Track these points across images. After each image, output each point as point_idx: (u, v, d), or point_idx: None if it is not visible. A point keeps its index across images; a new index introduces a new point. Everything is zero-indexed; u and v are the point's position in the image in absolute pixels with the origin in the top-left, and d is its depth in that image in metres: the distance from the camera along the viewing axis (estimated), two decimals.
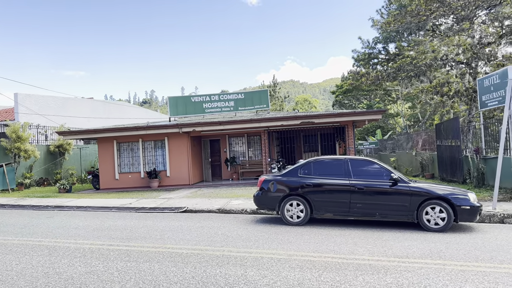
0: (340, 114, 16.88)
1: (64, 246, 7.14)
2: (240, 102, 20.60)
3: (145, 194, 15.59)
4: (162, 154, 19.02)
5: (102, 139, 19.02)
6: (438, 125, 16.56)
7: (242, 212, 10.79)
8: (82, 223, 9.64)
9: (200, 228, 8.58)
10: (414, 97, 39.03)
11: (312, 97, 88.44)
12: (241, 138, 21.20)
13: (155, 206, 12.15)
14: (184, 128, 17.98)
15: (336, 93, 53.49)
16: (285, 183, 8.96)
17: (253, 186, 16.70)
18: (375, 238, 7.37)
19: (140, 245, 7.07)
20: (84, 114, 27.84)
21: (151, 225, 9.15)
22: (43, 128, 22.65)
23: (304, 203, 8.70)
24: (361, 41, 44.94)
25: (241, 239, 7.41)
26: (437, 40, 15.33)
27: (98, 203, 13.15)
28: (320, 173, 8.82)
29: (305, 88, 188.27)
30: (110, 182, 18.89)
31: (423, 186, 8.16)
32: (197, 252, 6.52)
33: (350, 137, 17.73)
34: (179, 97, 21.97)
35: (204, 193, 15.17)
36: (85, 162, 24.25)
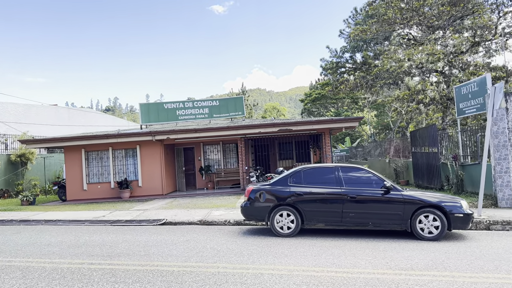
0: (318, 121, 16.79)
1: (39, 266, 6.45)
2: (215, 109, 20.14)
3: (117, 206, 14.79)
4: (134, 163, 18.23)
5: (69, 147, 17.98)
6: (413, 132, 16.80)
7: (226, 223, 10.34)
8: (54, 239, 8.87)
9: (186, 242, 8.07)
10: (381, 106, 39.95)
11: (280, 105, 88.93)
12: (216, 146, 20.72)
13: (131, 218, 11.47)
14: (157, 136, 17.31)
15: (305, 101, 53.97)
16: (274, 193, 8.61)
17: (231, 195, 16.26)
18: (372, 248, 7.15)
19: (125, 263, 6.49)
20: (47, 121, 26.41)
21: (132, 239, 8.54)
22: (3, 137, 21.22)
23: (294, 213, 8.38)
24: (329, 50, 45.71)
25: (233, 254, 6.98)
26: (413, 48, 15.56)
27: (68, 216, 12.28)
28: (311, 182, 8.55)
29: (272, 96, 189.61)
30: (77, 193, 17.86)
31: (416, 194, 8.05)
32: (189, 269, 6.04)
33: (327, 144, 17.67)
34: (151, 103, 21.26)
35: (180, 203, 14.57)
36: (50, 172, 22.92)
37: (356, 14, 41.79)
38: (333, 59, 44.58)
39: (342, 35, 43.61)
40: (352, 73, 42.48)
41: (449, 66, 15.19)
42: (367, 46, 40.35)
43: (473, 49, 15.35)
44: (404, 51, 17.13)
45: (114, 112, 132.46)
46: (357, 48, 40.94)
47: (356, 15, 41.92)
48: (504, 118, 10.49)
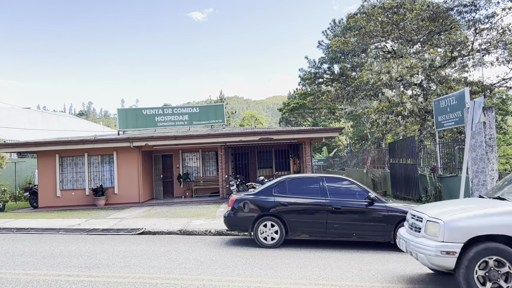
0: (299, 131, 16.85)
1: (13, 278, 6.10)
2: (195, 116, 19.92)
3: (92, 214, 14.33)
4: (110, 169, 17.76)
5: (42, 152, 17.36)
6: (391, 144, 17.07)
7: (207, 233, 10.14)
8: (27, 248, 8.46)
9: (167, 253, 7.84)
10: (357, 116, 40.61)
11: (258, 113, 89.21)
12: (196, 154, 20.47)
13: (108, 227, 11.11)
14: (135, 142, 16.95)
15: (283, 111, 54.29)
16: (259, 203, 8.50)
17: (210, 204, 16.05)
18: (357, 260, 7.13)
19: (105, 275, 6.23)
20: (19, 125, 25.48)
21: (110, 249, 8.24)
22: None
23: (279, 223, 8.29)
24: (308, 61, 46.30)
25: (217, 265, 6.82)
26: (392, 61, 15.90)
27: (41, 224, 11.79)
28: (295, 192, 8.49)
29: (249, 104, 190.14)
30: (50, 200, 17.22)
31: (399, 206, 8.12)
32: (173, 282, 5.84)
33: (307, 154, 17.74)
34: (129, 109, 20.88)
35: (158, 212, 14.26)
36: (20, 177, 22.05)
37: (335, 26, 42.57)
38: (311, 69, 45.16)
39: (321, 46, 44.29)
40: (330, 84, 43.10)
41: (427, 79, 15.59)
42: (345, 58, 41.08)
43: (450, 63, 15.84)
44: (383, 64, 17.47)
45: (88, 116, 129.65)
46: (335, 59, 41.63)
47: (334, 27, 42.69)
48: (482, 132, 10.76)
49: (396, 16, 16.29)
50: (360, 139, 44.34)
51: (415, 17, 15.84)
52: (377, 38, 16.81)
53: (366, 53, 39.19)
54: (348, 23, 21.28)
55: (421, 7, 16.56)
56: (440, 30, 15.92)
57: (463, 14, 15.73)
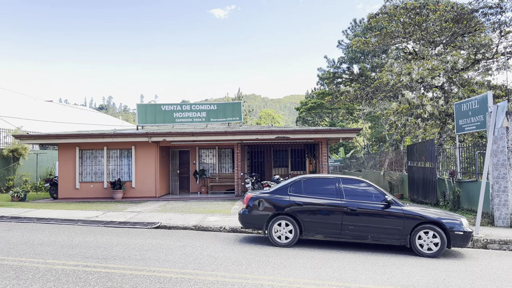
0: (316, 131, 16.78)
1: (32, 266, 6.27)
2: (212, 113, 20.04)
3: (110, 206, 14.59)
4: (128, 163, 18.03)
5: (63, 145, 17.75)
6: (410, 147, 16.84)
7: (221, 230, 10.22)
8: (47, 238, 8.68)
9: (182, 248, 7.94)
10: (376, 117, 40.18)
11: (275, 112, 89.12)
12: (212, 151, 20.60)
13: (124, 220, 11.30)
14: (154, 138, 17.17)
15: (300, 110, 54.09)
16: (274, 202, 8.52)
17: (225, 201, 16.14)
18: (371, 263, 7.08)
19: (121, 267, 6.35)
20: (42, 117, 26.09)
21: (127, 242, 8.38)
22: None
23: (293, 223, 8.29)
24: (327, 60, 46.08)
25: (231, 262, 6.87)
26: (413, 63, 15.65)
27: (60, 215, 12.06)
28: (311, 192, 8.47)
29: (266, 103, 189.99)
30: (69, 192, 17.60)
31: (416, 210, 8.02)
32: (187, 277, 5.91)
33: (323, 154, 17.66)
34: (148, 104, 21.16)
35: (174, 207, 14.41)
36: (41, 168, 22.59)
37: (355, 25, 42.24)
38: (330, 69, 44.93)
39: (341, 46, 44.00)
40: (349, 84, 42.78)
41: (449, 82, 15.31)
42: (364, 58, 40.71)
43: (473, 66, 15.51)
44: (403, 65, 17.24)
45: (107, 111, 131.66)
46: (354, 59, 41.32)
47: (355, 27, 42.36)
48: (504, 137, 10.55)
49: (419, 17, 16.02)
50: (378, 140, 43.88)
51: (438, 18, 15.56)
52: (399, 39, 16.58)
53: (386, 54, 38.73)
54: (369, 23, 21.05)
55: (445, 8, 16.25)
56: (464, 32, 15.59)
57: (488, 16, 15.36)
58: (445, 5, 16.94)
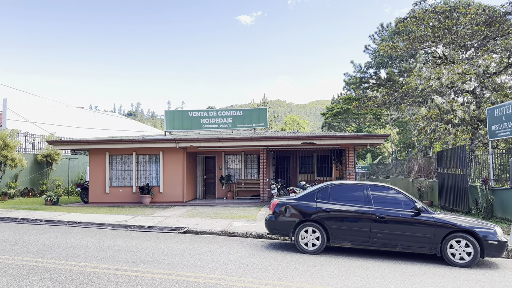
0: (343, 136, 16.62)
1: (66, 269, 6.47)
2: (238, 119, 20.17)
3: (138, 211, 14.88)
4: (156, 169, 18.36)
5: (94, 150, 18.26)
6: (440, 153, 16.43)
7: (247, 235, 10.24)
8: (79, 241, 8.94)
9: (209, 253, 8.01)
10: (404, 123, 39.41)
11: (300, 118, 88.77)
12: (238, 156, 20.71)
13: (153, 224, 11.49)
14: (181, 143, 17.43)
15: (326, 115, 53.71)
16: (300, 208, 8.48)
17: (251, 207, 16.16)
18: (400, 272, 6.94)
19: (150, 271, 6.46)
20: (74, 123, 26.95)
21: (155, 246, 8.53)
22: (31, 136, 21.73)
23: (320, 230, 8.22)
24: (353, 65, 45.64)
25: (258, 268, 6.87)
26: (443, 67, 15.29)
27: (91, 218, 12.40)
28: (338, 199, 8.39)
29: (291, 108, 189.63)
30: (99, 196, 18.07)
31: (448, 218, 7.80)
32: (215, 282, 5.96)
33: (350, 160, 17.46)
34: (176, 111, 21.51)
35: (201, 212, 14.55)
36: (73, 173, 23.30)
37: (383, 30, 41.73)
38: (357, 74, 44.50)
39: (367, 51, 43.52)
40: (376, 89, 42.23)
41: (480, 87, 14.87)
42: (392, 63, 40.13)
43: (506, 70, 15.00)
44: (432, 70, 16.87)
45: (136, 117, 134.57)
46: (382, 64, 40.78)
47: (382, 31, 41.85)
48: None
49: (449, 20, 15.68)
50: (406, 146, 42.99)
51: (469, 21, 15.16)
52: (427, 43, 16.23)
53: (414, 58, 38.02)
54: (397, 28, 20.74)
55: (476, 11, 15.83)
56: (496, 35, 15.11)
57: None
58: (476, 8, 16.50)
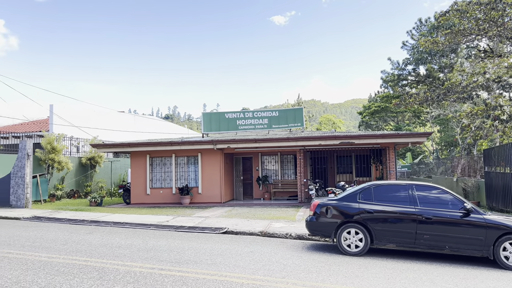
0: (383, 135, 16.20)
1: (113, 268, 6.66)
2: (274, 119, 20.17)
3: (178, 211, 15.13)
4: (195, 170, 18.63)
5: (135, 153, 18.79)
6: (487, 151, 15.67)
7: (287, 236, 10.16)
8: (124, 241, 9.19)
9: (250, 253, 8.00)
10: (445, 120, 37.96)
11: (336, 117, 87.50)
12: (274, 157, 20.66)
13: (193, 225, 11.65)
14: (218, 145, 17.59)
15: (363, 114, 52.63)
16: (342, 209, 8.32)
17: (288, 208, 16.06)
18: (450, 275, 6.65)
19: (193, 271, 6.53)
20: (115, 127, 27.86)
21: (197, 247, 8.63)
22: (76, 140, 22.65)
23: (363, 231, 8.03)
24: (391, 62, 44.49)
25: (300, 269, 6.79)
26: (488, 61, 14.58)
27: (134, 219, 12.74)
28: (382, 199, 8.16)
29: (326, 108, 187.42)
30: (141, 197, 18.55)
31: (500, 219, 7.41)
32: (258, 283, 5.93)
33: (391, 159, 16.99)
34: (213, 113, 21.78)
35: (239, 213, 14.60)
36: (115, 175, 24.08)
37: (421, 25, 40.45)
38: (394, 71, 43.34)
39: (405, 47, 42.30)
40: (415, 86, 40.95)
41: None
42: (431, 59, 38.79)
43: None
44: (477, 64, 16.12)
45: (173, 120, 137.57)
46: (421, 60, 39.50)
47: (420, 26, 40.56)
48: None
49: (494, 12, 14.91)
50: (447, 145, 41.39)
51: None
52: (471, 37, 15.49)
53: (455, 53, 36.56)
54: (438, 22, 19.97)
55: None
56: None
57: None
58: None
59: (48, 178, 18.88)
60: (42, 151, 18.79)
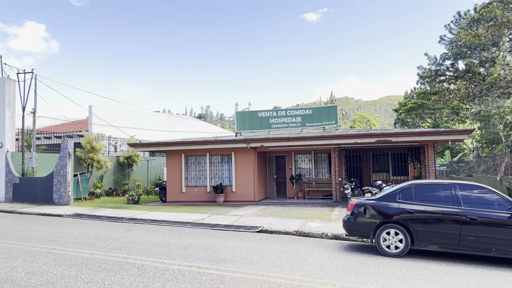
0: (421, 133, 15.68)
1: (152, 265, 6.78)
2: (307, 118, 19.97)
3: (213, 210, 15.27)
4: (229, 169, 18.74)
5: (171, 152, 19.12)
6: None
7: (323, 236, 10.01)
8: (161, 239, 9.35)
9: (286, 253, 7.94)
10: (486, 117, 36.36)
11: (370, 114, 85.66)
12: (308, 155, 20.47)
13: (228, 223, 11.71)
14: (252, 143, 17.61)
15: (399, 111, 51.29)
16: (381, 209, 8.10)
17: (323, 207, 15.86)
18: (499, 279, 6.32)
19: (230, 270, 6.54)
20: (151, 126, 28.50)
21: (233, 245, 8.65)
22: (113, 140, 23.33)
23: (403, 232, 7.77)
24: (428, 58, 43.12)
25: (338, 270, 6.66)
26: None
27: (170, 217, 12.96)
28: (423, 199, 7.88)
29: (360, 105, 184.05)
30: (176, 195, 18.87)
31: None
32: (296, 283, 5.86)
33: (430, 158, 16.43)
34: (246, 112, 21.84)
35: (273, 211, 14.55)
36: (151, 174, 24.62)
37: (460, 18, 38.94)
38: (431, 66, 41.97)
39: (443, 41, 40.85)
40: (453, 81, 39.47)
41: None
42: (471, 53, 37.27)
43: None
44: None
45: (205, 119, 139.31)
46: (459, 55, 38.03)
47: (459, 20, 39.06)
48: None
49: None
50: (489, 142, 39.64)
51: None
52: None
53: (497, 47, 34.95)
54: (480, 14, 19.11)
55: None
56: None
57: None
58: None
59: (88, 177, 19.54)
60: (82, 151, 19.47)
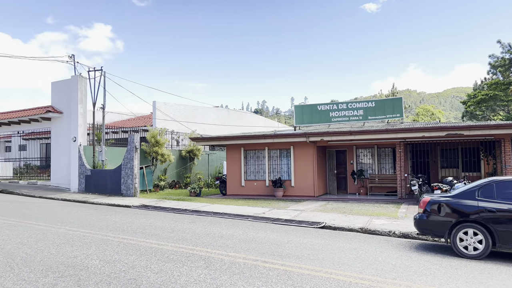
0: (498, 126, 14.45)
1: (218, 258, 6.79)
2: (370, 110, 19.23)
3: (273, 204, 15.19)
4: (287, 163, 18.56)
5: (230, 146, 19.31)
6: None
7: (390, 234, 9.53)
8: (224, 231, 9.42)
9: (353, 251, 7.62)
10: None
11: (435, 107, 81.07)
12: (371, 150, 19.71)
13: (289, 218, 11.56)
14: (311, 137, 17.27)
15: (467, 104, 48.04)
16: (457, 207, 7.51)
17: (388, 204, 15.19)
18: None
19: (296, 266, 6.38)
20: (211, 121, 29.07)
21: (296, 240, 8.48)
22: (176, 134, 24.06)
23: (483, 232, 7.15)
24: (501, 45, 40.02)
25: (412, 271, 6.26)
26: None
27: (232, 210, 13.07)
28: (506, 197, 7.19)
29: (423, 98, 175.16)
30: (236, 189, 19.05)
31: None
32: (368, 283, 5.57)
33: (507, 153, 15.12)
34: (305, 105, 21.49)
35: (334, 207, 14.18)
36: (211, 167, 25.12)
37: None
38: (505, 55, 38.90)
39: None
40: None
41: None
42: None
43: None
44: None
45: (262, 114, 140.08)
46: None
47: None
48: None
49: None
50: None
51: None
52: None
53: None
54: None
55: None
56: None
57: None
58: None
59: (153, 170, 20.31)
60: (147, 145, 20.26)
